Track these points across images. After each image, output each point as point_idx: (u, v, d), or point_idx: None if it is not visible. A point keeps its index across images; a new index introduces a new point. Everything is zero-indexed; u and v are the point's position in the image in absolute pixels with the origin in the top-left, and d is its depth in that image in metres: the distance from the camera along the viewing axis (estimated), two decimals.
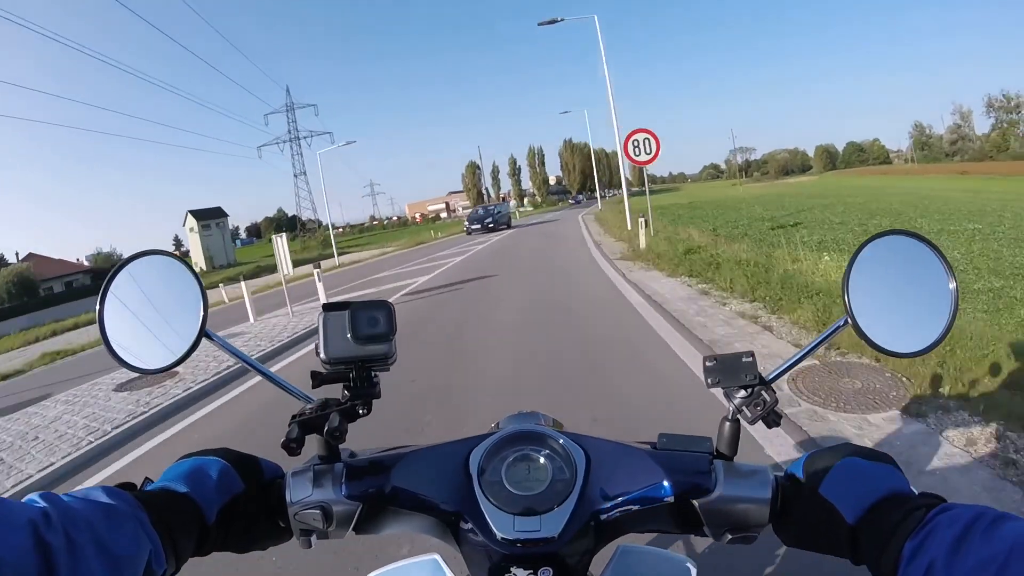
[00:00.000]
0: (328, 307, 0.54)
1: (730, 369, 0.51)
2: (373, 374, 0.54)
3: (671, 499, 0.49)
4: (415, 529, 0.53)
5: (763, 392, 0.50)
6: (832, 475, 0.44)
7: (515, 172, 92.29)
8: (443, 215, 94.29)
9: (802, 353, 0.54)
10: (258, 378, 0.60)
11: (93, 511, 0.37)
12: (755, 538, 0.49)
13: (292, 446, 0.48)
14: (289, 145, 66.42)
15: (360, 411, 0.52)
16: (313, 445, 0.53)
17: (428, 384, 4.23)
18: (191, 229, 59.82)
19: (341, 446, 0.54)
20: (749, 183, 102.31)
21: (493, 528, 0.46)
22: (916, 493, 0.42)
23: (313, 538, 0.52)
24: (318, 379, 0.52)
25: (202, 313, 0.54)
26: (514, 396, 3.78)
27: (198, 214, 59.66)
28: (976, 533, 0.34)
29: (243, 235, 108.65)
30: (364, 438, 0.66)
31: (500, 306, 7.20)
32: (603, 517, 0.48)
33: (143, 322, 0.54)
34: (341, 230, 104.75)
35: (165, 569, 0.41)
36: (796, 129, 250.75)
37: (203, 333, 0.54)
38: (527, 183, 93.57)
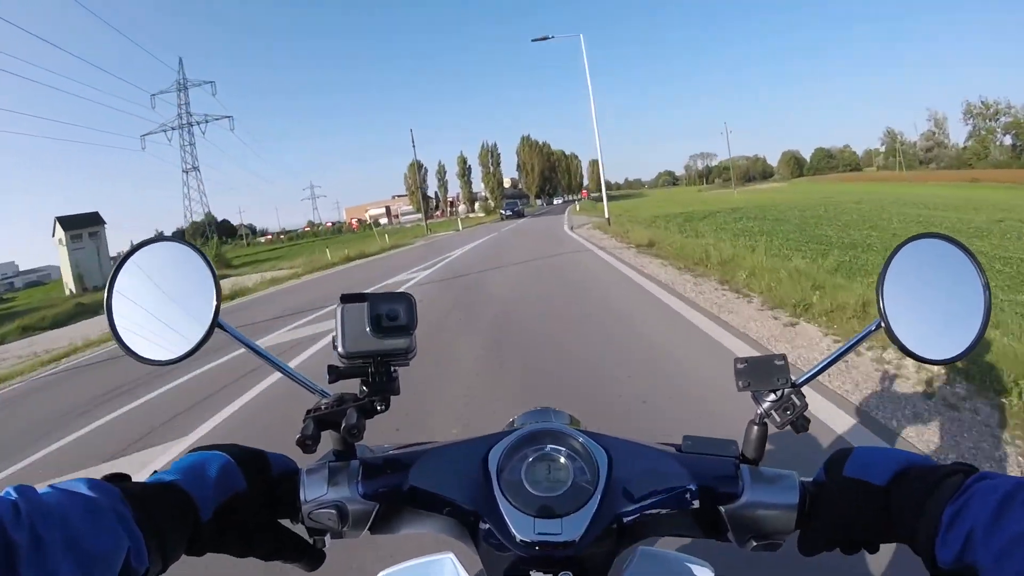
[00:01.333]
0: (346, 298, 0.52)
1: (761, 372, 0.50)
2: (392, 369, 0.52)
3: (696, 504, 0.48)
4: (432, 529, 0.52)
5: (793, 396, 0.49)
6: (853, 457, 0.44)
7: (465, 172, 79.78)
8: (383, 220, 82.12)
9: (834, 356, 0.52)
10: None
11: (70, 505, 0.35)
12: (780, 545, 0.48)
13: (308, 443, 0.47)
14: (179, 133, 52.25)
15: (378, 407, 0.51)
16: (329, 440, 0.52)
17: None
18: (60, 241, 46.89)
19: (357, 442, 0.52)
20: (711, 189, 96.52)
21: (512, 530, 0.44)
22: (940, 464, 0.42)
23: (326, 538, 0.50)
24: (335, 373, 0.51)
25: (215, 302, 0.52)
26: None
27: (67, 222, 46.59)
28: (1018, 503, 0.33)
29: None
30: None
31: None
32: (626, 520, 0.47)
33: (153, 312, 0.52)
34: (270, 237, 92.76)
35: (148, 567, 0.38)
36: (755, 136, 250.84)
37: (216, 323, 0.52)
38: (479, 185, 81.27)
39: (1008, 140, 70.40)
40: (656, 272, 7.35)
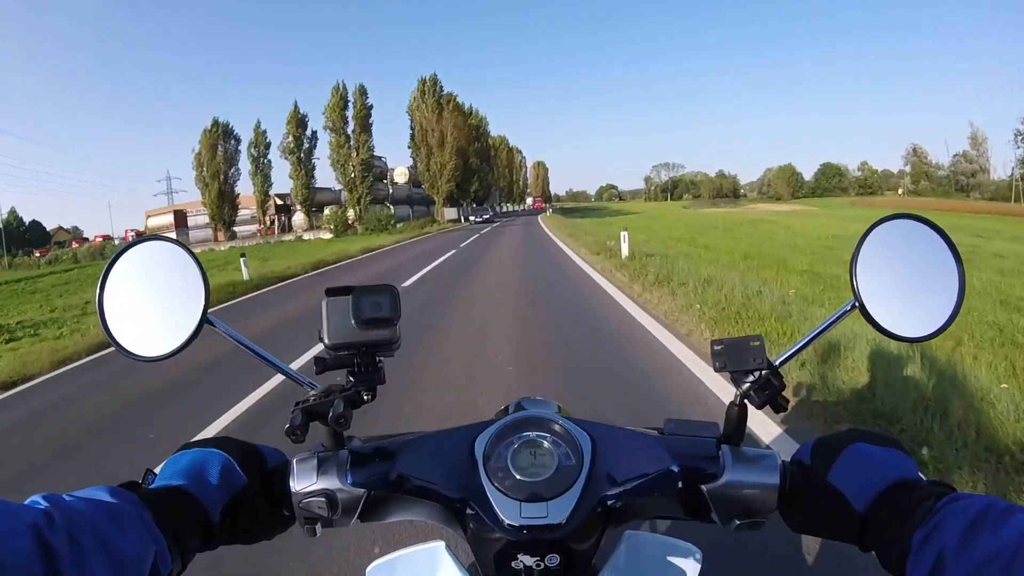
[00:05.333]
0: (331, 291, 0.54)
1: (738, 353, 0.51)
2: (378, 359, 0.54)
3: (679, 485, 0.50)
4: (421, 516, 0.54)
5: (771, 377, 0.50)
6: (840, 463, 0.44)
7: (300, 145, 38.95)
8: (170, 233, 46.45)
9: (809, 337, 0.53)
10: None
11: (97, 512, 0.37)
12: (763, 523, 0.49)
13: (296, 433, 0.48)
14: None
15: (364, 397, 0.52)
16: (318, 432, 0.53)
17: None
18: None
19: (346, 433, 0.53)
20: (700, 207, 78.95)
21: (499, 514, 0.46)
22: (924, 480, 0.43)
23: (318, 526, 0.51)
24: (321, 365, 0.52)
25: (203, 300, 0.53)
26: None
27: None
28: (985, 525, 0.34)
29: None
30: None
31: None
32: (610, 503, 0.48)
33: (143, 309, 0.54)
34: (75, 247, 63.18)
35: (171, 569, 0.40)
36: (719, 150, 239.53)
37: (204, 320, 0.53)
38: (329, 179, 42.37)
39: None
40: None
